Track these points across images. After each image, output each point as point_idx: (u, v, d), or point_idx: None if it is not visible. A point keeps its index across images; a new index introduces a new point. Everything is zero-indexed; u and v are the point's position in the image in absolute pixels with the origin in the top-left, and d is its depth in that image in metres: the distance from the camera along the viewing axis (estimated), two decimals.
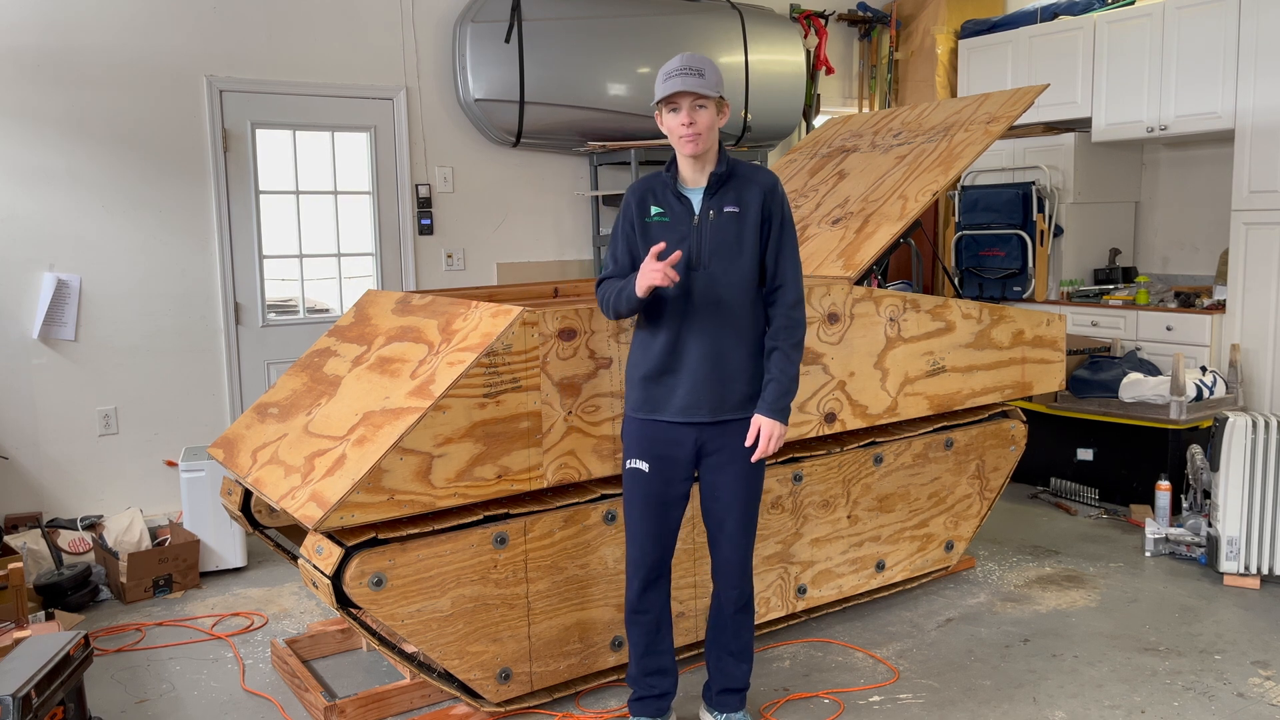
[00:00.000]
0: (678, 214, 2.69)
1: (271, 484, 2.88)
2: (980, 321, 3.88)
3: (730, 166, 2.70)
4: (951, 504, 3.96)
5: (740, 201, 2.67)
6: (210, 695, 3.29)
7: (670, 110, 2.62)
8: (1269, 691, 3.15)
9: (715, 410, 2.69)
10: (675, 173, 2.72)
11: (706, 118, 2.60)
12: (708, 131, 2.61)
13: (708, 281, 2.66)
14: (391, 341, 3.16)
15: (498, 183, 5.78)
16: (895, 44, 7.02)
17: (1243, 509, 3.95)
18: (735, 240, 2.66)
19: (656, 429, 2.72)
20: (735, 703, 2.92)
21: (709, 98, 2.59)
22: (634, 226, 2.73)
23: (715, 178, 2.67)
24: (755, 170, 2.73)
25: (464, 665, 2.87)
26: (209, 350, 5.04)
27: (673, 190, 2.70)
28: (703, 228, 2.67)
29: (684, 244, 2.66)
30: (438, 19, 5.51)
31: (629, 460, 2.77)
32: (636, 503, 2.77)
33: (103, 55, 4.69)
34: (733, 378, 2.68)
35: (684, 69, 2.57)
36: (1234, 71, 5.31)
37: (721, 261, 2.66)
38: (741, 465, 2.72)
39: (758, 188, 2.69)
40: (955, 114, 4.12)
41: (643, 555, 2.77)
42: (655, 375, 2.70)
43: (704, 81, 2.56)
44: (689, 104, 2.58)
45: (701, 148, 2.62)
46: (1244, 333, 5.28)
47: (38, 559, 4.18)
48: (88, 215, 4.71)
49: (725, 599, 2.83)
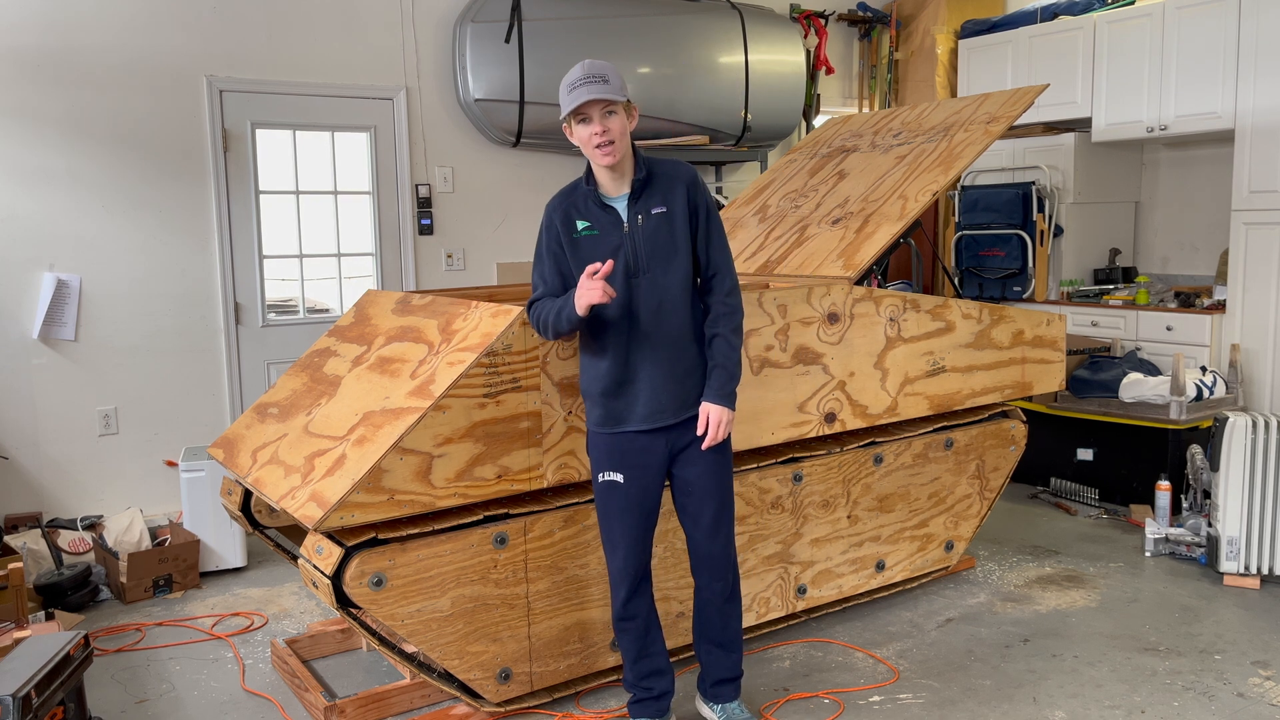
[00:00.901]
0: (605, 225, 2.66)
1: (271, 484, 2.88)
2: (980, 321, 3.88)
3: (648, 167, 2.68)
4: (951, 504, 3.96)
5: (666, 201, 2.66)
6: (210, 695, 3.29)
7: (580, 122, 2.58)
8: (1269, 691, 3.15)
9: (678, 410, 2.70)
10: (595, 184, 2.69)
11: (618, 124, 2.57)
12: (621, 138, 2.58)
13: (649, 286, 2.65)
14: (391, 341, 3.16)
15: (498, 183, 5.78)
16: (895, 44, 7.02)
17: (1243, 509, 3.95)
18: (669, 240, 2.65)
19: (624, 440, 2.72)
20: (730, 692, 2.93)
21: (617, 102, 2.56)
22: (561, 244, 2.70)
23: (638, 182, 2.65)
24: (674, 166, 2.72)
25: (464, 665, 2.87)
26: (209, 350, 5.04)
27: (595, 202, 2.68)
28: (634, 234, 2.65)
29: (619, 253, 2.64)
30: (438, 19, 5.51)
31: (600, 474, 2.76)
32: (615, 514, 2.76)
33: (103, 55, 4.69)
34: (688, 374, 2.70)
35: (587, 77, 2.53)
36: (1234, 71, 5.31)
37: (660, 264, 2.65)
38: (710, 457, 2.73)
39: (680, 184, 2.68)
40: (955, 114, 4.12)
41: (627, 564, 2.77)
42: (613, 389, 2.69)
43: (609, 87, 2.53)
44: (599, 112, 2.55)
45: (618, 156, 2.59)
46: (1244, 333, 5.28)
47: (38, 559, 4.18)
48: (88, 215, 4.71)
49: (711, 591, 2.84)
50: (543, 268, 2.74)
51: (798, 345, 3.35)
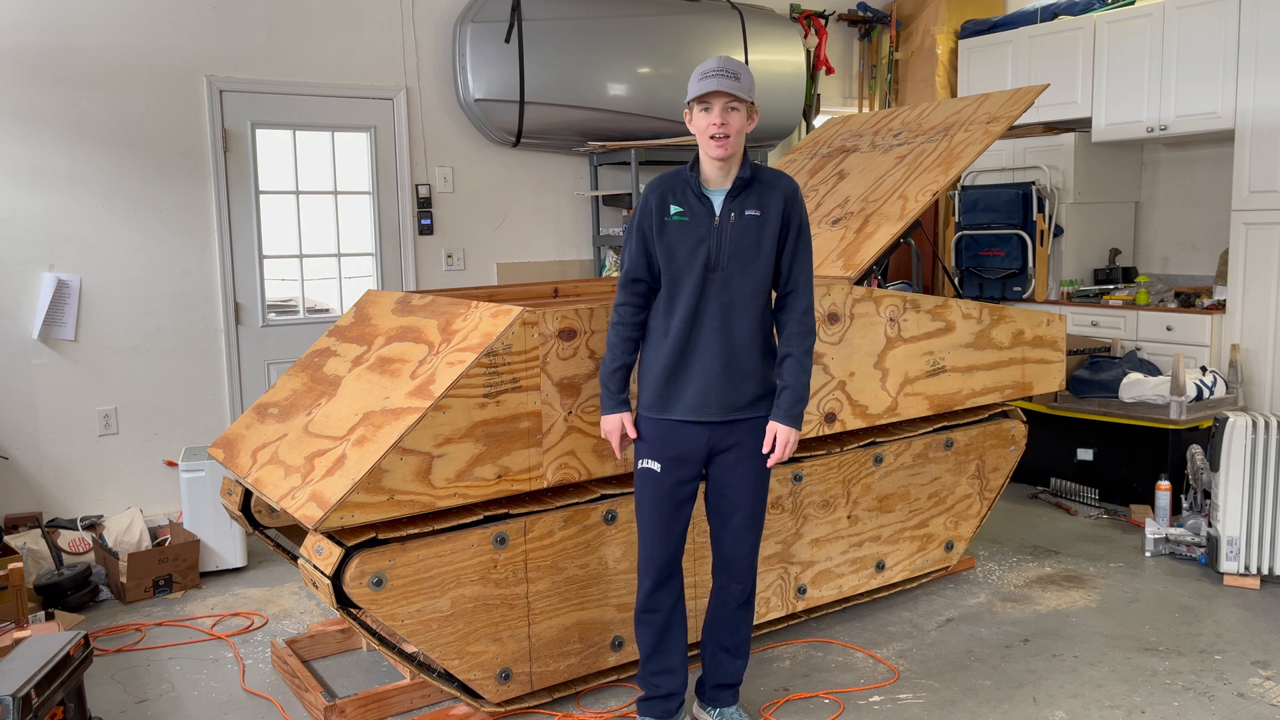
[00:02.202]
0: (698, 214, 2.69)
1: (271, 484, 2.88)
2: (980, 321, 3.88)
3: (754, 171, 2.71)
4: (951, 504, 3.96)
5: (762, 206, 2.69)
6: (210, 695, 3.29)
7: (702, 109, 2.62)
8: (1269, 691, 3.15)
9: (725, 410, 2.70)
10: (698, 173, 2.73)
11: (737, 121, 2.61)
12: (737, 135, 2.62)
13: (723, 283, 2.67)
14: (391, 341, 3.16)
15: (498, 183, 5.78)
16: (895, 44, 7.02)
17: (1243, 509, 3.95)
18: (754, 244, 2.68)
19: (668, 428, 2.73)
20: (729, 697, 2.93)
21: (743, 101, 2.60)
22: (651, 224, 2.73)
23: (740, 181, 2.68)
24: (778, 176, 2.74)
25: (464, 665, 2.87)
26: (209, 350, 5.04)
27: (694, 190, 2.71)
28: (723, 229, 2.67)
29: (703, 244, 2.67)
30: (438, 19, 5.51)
31: (640, 460, 2.79)
32: (647, 502, 2.78)
33: (102, 55, 4.69)
34: (744, 378, 2.70)
35: (720, 70, 2.58)
36: (1234, 71, 5.31)
37: (739, 263, 2.67)
38: (752, 463, 2.75)
39: (780, 194, 2.70)
40: (955, 114, 4.12)
41: (653, 555, 2.78)
42: (667, 374, 2.71)
43: (739, 84, 2.58)
44: (722, 105, 2.59)
45: (729, 150, 2.63)
46: (1244, 333, 5.28)
47: (38, 559, 4.18)
48: (88, 215, 4.71)
49: (728, 594, 2.84)
50: (630, 246, 2.76)
51: None
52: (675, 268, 2.69)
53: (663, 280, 2.73)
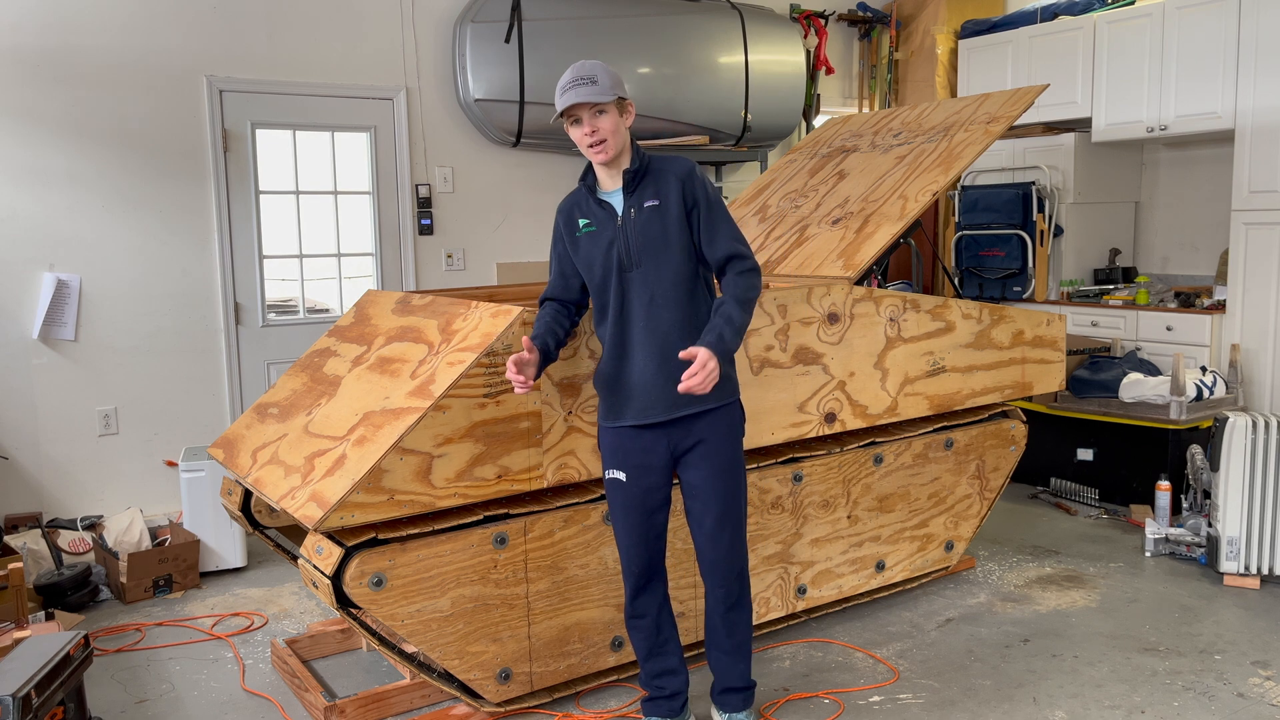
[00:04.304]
0: (602, 220, 2.70)
1: (271, 484, 2.88)
2: (980, 321, 3.88)
3: (644, 162, 2.70)
4: (951, 504, 3.96)
5: (659, 194, 2.67)
6: (210, 695, 3.29)
7: (572, 123, 2.64)
8: (1269, 691, 3.15)
9: (671, 407, 2.67)
10: (594, 181, 2.74)
11: (608, 122, 2.60)
12: (613, 136, 2.62)
13: (641, 280, 2.66)
14: (391, 341, 3.16)
15: (498, 183, 5.77)
16: (895, 44, 7.02)
17: (1243, 509, 3.95)
18: (661, 233, 2.65)
19: (624, 436, 2.73)
20: (738, 702, 2.91)
21: (605, 103, 2.59)
22: (565, 244, 2.77)
23: (629, 174, 2.67)
24: (669, 160, 2.73)
25: (464, 665, 2.87)
26: (209, 350, 5.04)
27: (594, 199, 2.72)
28: (626, 227, 2.67)
29: (613, 248, 2.67)
30: (438, 19, 5.51)
31: (607, 471, 2.79)
32: (618, 511, 2.78)
33: (102, 55, 4.69)
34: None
35: (575, 80, 2.58)
36: (1234, 71, 5.31)
37: (651, 257, 2.65)
38: (715, 461, 2.71)
39: (673, 177, 2.68)
40: (955, 114, 4.12)
41: (630, 562, 2.79)
42: (611, 381, 2.72)
43: (597, 89, 2.57)
44: (588, 114, 2.60)
45: (611, 154, 2.64)
46: (1244, 333, 5.28)
47: (38, 559, 4.18)
48: (87, 215, 4.71)
49: (713, 597, 2.83)
50: (551, 267, 2.83)
51: (798, 345, 3.35)
52: (596, 277, 2.71)
53: (591, 292, 2.75)
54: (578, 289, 2.81)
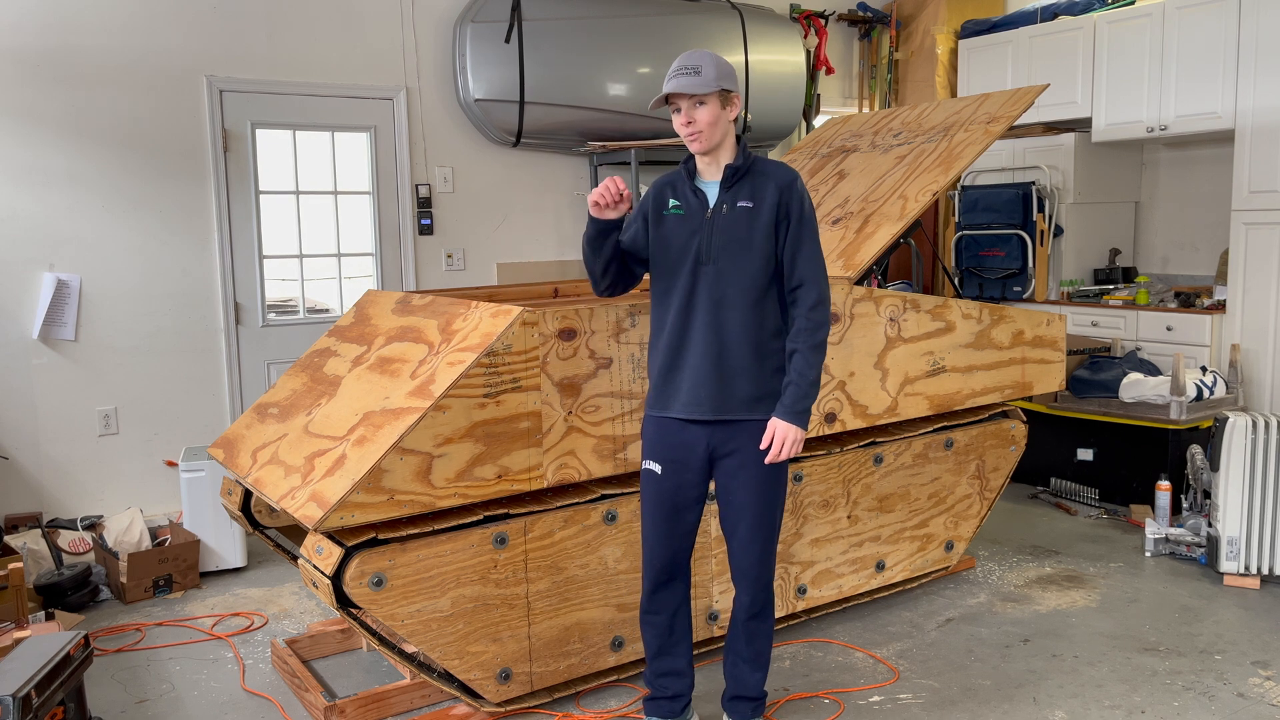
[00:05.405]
0: (693, 207, 2.68)
1: (271, 484, 2.88)
2: (980, 321, 3.88)
3: (749, 161, 2.68)
4: (951, 504, 3.96)
5: (755, 197, 2.64)
6: (210, 695, 3.29)
7: (674, 110, 2.64)
8: (1269, 691, 3.15)
9: (718, 409, 2.65)
10: (694, 167, 2.73)
11: (706, 114, 2.59)
12: (709, 128, 2.60)
13: (715, 277, 2.63)
14: (391, 341, 3.16)
15: (498, 183, 5.78)
16: (895, 44, 7.02)
17: (1243, 509, 3.95)
18: (746, 236, 2.63)
19: (667, 427, 2.71)
20: (746, 711, 2.87)
21: (706, 94, 2.58)
22: (648, 219, 2.73)
23: (730, 170, 2.65)
24: (775, 166, 2.70)
25: (464, 665, 2.87)
26: (209, 350, 5.04)
27: (690, 185, 2.70)
28: (715, 220, 2.64)
29: (695, 236, 2.65)
30: (438, 19, 5.51)
31: (644, 461, 2.77)
32: (648, 503, 2.76)
33: (102, 55, 4.69)
34: (735, 375, 2.64)
35: (680, 69, 2.58)
36: (1234, 71, 5.31)
37: (729, 256, 2.63)
38: (753, 470, 2.67)
39: (774, 183, 2.65)
40: (955, 114, 4.12)
41: (652, 556, 2.77)
42: (663, 370, 2.70)
43: (699, 80, 2.55)
44: (687, 104, 2.59)
45: (705, 145, 2.62)
46: (1244, 333, 5.28)
47: (38, 559, 4.18)
48: (88, 215, 4.71)
49: (738, 604, 2.80)
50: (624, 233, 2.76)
51: None
52: (669, 261, 2.68)
53: (659, 274, 2.72)
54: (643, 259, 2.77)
